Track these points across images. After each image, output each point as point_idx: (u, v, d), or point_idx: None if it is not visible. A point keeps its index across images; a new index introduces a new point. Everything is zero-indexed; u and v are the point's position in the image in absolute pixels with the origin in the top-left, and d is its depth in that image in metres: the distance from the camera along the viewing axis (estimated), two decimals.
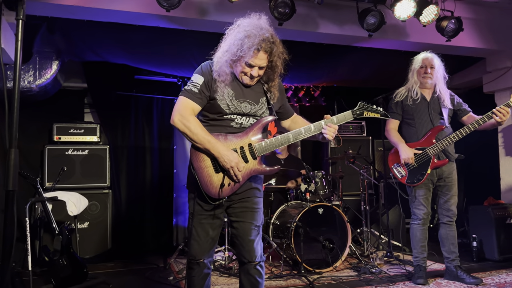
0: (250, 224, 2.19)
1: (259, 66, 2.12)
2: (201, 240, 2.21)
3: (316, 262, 3.95)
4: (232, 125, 2.18)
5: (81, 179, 4.76)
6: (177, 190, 5.50)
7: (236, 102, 2.17)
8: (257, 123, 2.20)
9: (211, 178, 2.12)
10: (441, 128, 3.44)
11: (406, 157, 3.40)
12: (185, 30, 4.11)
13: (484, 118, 3.23)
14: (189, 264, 2.26)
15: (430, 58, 3.51)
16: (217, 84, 2.15)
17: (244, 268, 2.21)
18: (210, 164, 2.12)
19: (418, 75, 3.52)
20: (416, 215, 3.50)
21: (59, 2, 3.46)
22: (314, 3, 4.06)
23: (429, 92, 3.55)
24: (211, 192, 2.12)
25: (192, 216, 2.20)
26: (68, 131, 4.85)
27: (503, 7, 4.77)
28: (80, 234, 4.53)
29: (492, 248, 4.30)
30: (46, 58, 4.26)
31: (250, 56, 2.06)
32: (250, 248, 2.18)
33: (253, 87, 2.23)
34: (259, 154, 2.16)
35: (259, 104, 2.23)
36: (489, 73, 5.26)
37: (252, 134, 2.18)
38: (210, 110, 2.18)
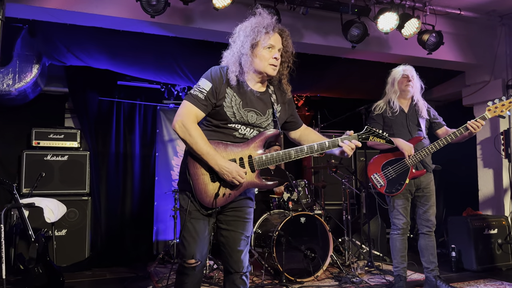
0: (241, 234, 2.15)
1: (278, 49, 2.10)
2: (199, 237, 2.09)
3: (298, 272, 3.94)
4: (235, 135, 2.11)
5: (59, 186, 4.66)
6: (158, 198, 5.43)
7: (242, 111, 2.10)
8: (259, 135, 2.13)
9: (207, 186, 2.06)
10: (419, 139, 3.49)
11: (407, 147, 3.37)
12: (170, 36, 4.10)
13: (461, 130, 3.28)
14: (182, 269, 2.11)
15: (410, 69, 3.59)
16: (226, 90, 2.08)
17: (230, 278, 2.15)
18: (206, 172, 2.06)
19: (399, 85, 3.56)
20: (396, 225, 3.53)
21: (41, 5, 3.41)
22: (299, 13, 4.11)
23: (407, 103, 3.60)
24: (204, 201, 2.06)
25: (189, 213, 2.08)
26: (47, 136, 4.75)
27: (482, 23, 4.92)
28: (57, 242, 4.41)
29: (470, 259, 4.36)
30: (27, 61, 4.18)
31: (268, 38, 2.06)
32: (237, 259, 2.13)
33: (262, 97, 2.17)
34: (258, 167, 2.09)
35: (265, 115, 2.17)
36: (468, 87, 5.38)
37: (254, 146, 2.11)
38: (215, 117, 2.11)
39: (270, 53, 2.08)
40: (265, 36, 2.06)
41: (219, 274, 4.02)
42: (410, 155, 3.38)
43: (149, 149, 5.53)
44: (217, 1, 3.58)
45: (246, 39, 2.06)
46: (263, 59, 2.07)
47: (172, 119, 6.09)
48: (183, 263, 2.09)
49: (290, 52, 2.19)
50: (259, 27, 2.06)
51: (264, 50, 2.07)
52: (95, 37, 4.02)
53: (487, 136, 5.20)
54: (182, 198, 2.15)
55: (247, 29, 2.09)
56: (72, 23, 3.77)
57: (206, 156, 2.01)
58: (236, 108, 2.09)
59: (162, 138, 5.57)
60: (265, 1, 3.81)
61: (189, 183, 2.06)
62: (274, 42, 2.09)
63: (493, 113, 3.20)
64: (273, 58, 2.08)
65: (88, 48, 4.27)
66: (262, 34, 2.05)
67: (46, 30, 3.95)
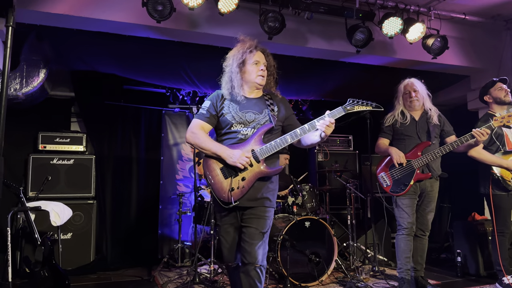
0: (255, 229, 2.39)
1: (263, 63, 2.53)
2: (229, 245, 2.49)
3: (302, 276, 3.93)
4: (239, 137, 2.46)
5: (65, 189, 4.68)
6: (163, 201, 5.45)
7: (240, 113, 2.49)
8: (257, 132, 2.46)
9: (222, 184, 2.39)
10: (427, 144, 3.57)
11: (397, 156, 3.53)
12: (175, 41, 4.13)
13: (467, 137, 3.37)
14: (227, 269, 2.62)
15: (411, 83, 3.69)
16: (223, 102, 2.52)
17: (245, 269, 2.36)
18: (219, 172, 2.41)
19: (405, 101, 3.70)
20: (401, 224, 3.58)
21: (48, 10, 3.45)
22: (303, 18, 4.12)
23: (418, 113, 3.70)
24: (223, 197, 2.38)
25: (218, 228, 2.52)
26: (53, 140, 4.78)
27: (487, 27, 4.91)
28: (63, 245, 4.43)
29: (476, 264, 4.33)
30: (34, 66, 4.22)
31: (251, 56, 2.50)
32: (251, 250, 2.36)
33: (256, 102, 2.55)
34: (261, 157, 2.40)
35: (262, 114, 2.51)
36: (473, 91, 5.37)
37: (254, 141, 2.43)
38: (221, 125, 2.52)
39: (257, 66, 2.52)
40: (250, 55, 2.52)
41: (224, 278, 4.02)
42: (399, 163, 3.52)
43: (154, 153, 5.55)
44: (222, 6, 3.61)
45: (235, 61, 2.51)
46: (252, 73, 2.51)
47: (177, 123, 6.14)
48: (226, 265, 2.57)
49: (273, 66, 2.62)
50: (244, 49, 2.52)
51: (251, 66, 2.51)
52: (101, 42, 4.05)
53: None
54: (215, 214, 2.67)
55: (235, 53, 2.54)
56: (79, 28, 3.80)
57: (214, 149, 2.40)
58: (234, 112, 2.49)
59: (167, 142, 5.59)
60: (270, 6, 3.83)
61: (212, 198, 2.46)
62: (259, 58, 2.54)
63: (499, 123, 3.31)
64: (260, 70, 2.51)
65: (94, 53, 4.31)
66: (247, 54, 2.51)
67: (53, 35, 3.99)
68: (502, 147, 3.72)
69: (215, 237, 4.37)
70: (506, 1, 4.39)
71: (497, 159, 3.65)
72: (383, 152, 3.71)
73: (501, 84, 3.81)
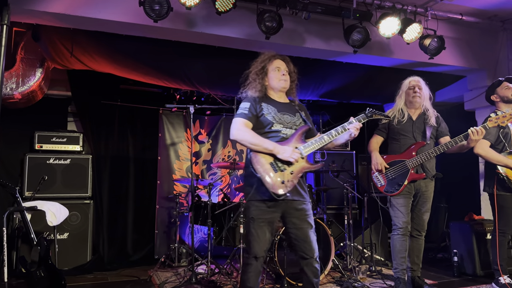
0: (307, 228, 2.65)
1: (284, 69, 2.78)
2: (261, 240, 2.59)
3: (299, 276, 3.91)
4: (281, 135, 2.66)
5: (62, 189, 4.67)
6: (160, 201, 5.44)
7: (279, 115, 2.71)
8: (297, 131, 2.70)
9: (273, 178, 2.52)
10: (422, 144, 3.57)
11: (376, 162, 3.61)
12: (173, 41, 4.12)
13: (461, 137, 3.37)
14: (247, 260, 2.63)
15: (417, 80, 3.70)
16: (261, 104, 2.71)
17: (308, 262, 2.65)
18: (269, 166, 2.54)
19: (407, 96, 3.68)
20: (396, 224, 3.58)
21: (45, 9, 3.44)
22: (301, 18, 4.12)
23: (416, 112, 3.70)
24: (275, 189, 2.50)
25: (252, 221, 2.59)
26: (50, 139, 4.77)
27: (483, 28, 4.93)
28: (59, 245, 4.42)
29: (472, 264, 4.34)
30: (30, 65, 4.20)
31: (272, 63, 2.78)
32: (310, 247, 2.64)
33: (288, 106, 2.81)
34: (305, 153, 2.62)
35: (296, 116, 2.78)
36: (470, 91, 5.38)
37: (295, 140, 2.65)
38: (262, 124, 2.67)
39: (279, 72, 2.78)
40: (270, 62, 2.78)
41: (221, 278, 4.02)
42: (378, 171, 3.59)
43: (151, 152, 5.54)
44: (219, 5, 3.60)
45: (257, 70, 2.77)
46: (275, 78, 2.77)
47: (174, 122, 6.12)
48: (248, 257, 2.62)
49: (294, 72, 2.86)
50: (265, 58, 2.80)
51: (273, 72, 2.77)
52: (98, 41, 4.04)
53: None
54: (245, 206, 2.71)
55: (257, 63, 2.80)
56: (76, 27, 3.79)
57: (266, 145, 2.55)
58: (274, 112, 2.70)
59: (164, 142, 5.58)
60: (267, 6, 3.83)
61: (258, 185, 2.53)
62: (279, 65, 2.79)
63: (494, 123, 3.29)
64: (282, 75, 2.77)
65: (91, 52, 4.29)
66: (267, 62, 2.78)
67: (49, 34, 3.98)
68: (508, 147, 3.70)
69: (211, 237, 4.36)
70: (503, 2, 4.40)
71: (503, 158, 3.62)
72: (369, 152, 3.75)
73: (507, 83, 3.79)
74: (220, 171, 5.80)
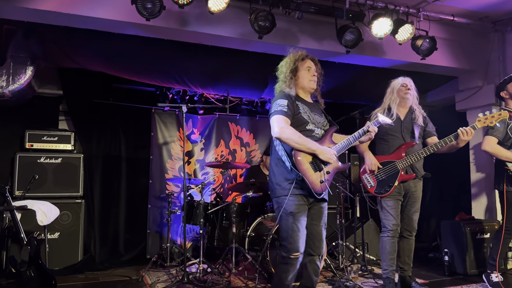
0: (323, 227, 2.79)
1: (314, 70, 2.85)
2: (302, 234, 2.63)
3: None
4: (314, 135, 2.75)
5: (53, 188, 4.63)
6: (152, 201, 5.41)
7: (311, 114, 2.80)
8: (327, 133, 2.83)
9: (313, 176, 2.63)
10: (411, 144, 3.58)
11: (370, 163, 3.59)
12: (165, 40, 4.10)
13: (451, 137, 3.39)
14: (288, 260, 2.61)
15: (409, 80, 3.72)
16: (296, 102, 2.75)
17: (311, 259, 2.76)
18: (309, 166, 2.64)
19: (399, 92, 3.67)
20: (386, 226, 3.58)
21: (36, 7, 3.40)
22: (294, 18, 4.13)
23: (404, 111, 3.70)
24: (317, 188, 2.63)
25: (292, 215, 2.61)
26: (41, 138, 4.72)
27: (475, 29, 4.96)
28: (49, 245, 4.39)
29: (463, 263, 4.38)
30: (21, 63, 4.16)
31: (303, 63, 2.83)
32: (319, 245, 2.77)
33: (315, 106, 2.90)
34: (338, 154, 2.76)
35: (323, 117, 2.90)
36: (461, 92, 5.42)
37: (328, 141, 2.79)
38: (297, 123, 2.71)
39: (309, 72, 2.84)
40: (302, 62, 2.83)
41: (213, 277, 4.01)
42: (372, 171, 3.57)
43: (143, 152, 5.51)
44: (212, 4, 3.59)
45: (288, 69, 2.80)
46: (306, 78, 2.83)
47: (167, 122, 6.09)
48: (289, 256, 2.60)
49: (320, 73, 2.92)
50: (296, 57, 2.83)
51: (304, 72, 2.83)
52: (90, 39, 4.01)
53: (480, 141, 5.22)
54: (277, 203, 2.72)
55: (287, 62, 2.84)
56: (67, 25, 3.76)
57: (309, 145, 2.63)
58: (308, 112, 2.78)
59: (157, 141, 5.56)
60: (261, 6, 3.82)
61: (288, 189, 2.61)
62: (310, 65, 2.86)
63: (483, 123, 3.32)
64: (312, 76, 2.84)
65: (83, 51, 4.27)
66: (299, 61, 2.82)
67: (40, 32, 3.94)
68: None
69: (204, 237, 4.36)
70: (494, 3, 4.44)
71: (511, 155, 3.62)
72: (360, 153, 3.73)
73: None
74: (213, 171, 5.79)
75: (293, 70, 2.80)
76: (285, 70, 2.83)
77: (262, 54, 4.43)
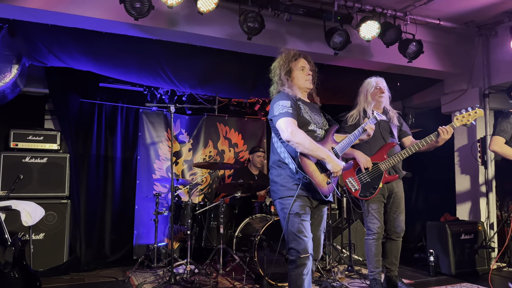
0: (322, 231, 2.76)
1: (309, 69, 2.76)
2: (309, 235, 2.55)
3: (279, 276, 3.94)
4: (316, 135, 2.68)
5: (38, 188, 4.57)
6: (139, 201, 5.38)
7: (312, 114, 2.72)
8: (329, 132, 2.75)
9: (319, 178, 2.57)
10: (392, 145, 3.60)
11: (364, 160, 3.51)
12: (154, 39, 4.08)
13: (431, 137, 3.40)
14: (301, 260, 2.50)
15: (381, 81, 3.70)
16: (297, 102, 2.67)
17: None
18: (315, 167, 2.57)
19: (373, 96, 3.66)
20: (371, 229, 3.59)
21: (22, 4, 3.36)
22: (283, 19, 4.14)
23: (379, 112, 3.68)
24: (324, 190, 2.57)
25: (298, 216, 2.53)
26: (26, 138, 4.66)
27: (460, 33, 5.05)
28: (34, 246, 4.32)
29: (447, 263, 4.44)
30: (6, 61, 4.08)
31: (297, 63, 2.74)
32: (318, 250, 2.74)
33: (314, 106, 2.83)
34: (341, 153, 2.72)
35: (321, 117, 2.82)
36: (446, 95, 5.51)
37: (330, 141, 2.72)
38: (299, 125, 2.60)
39: (304, 72, 2.76)
40: (296, 62, 2.75)
41: (200, 278, 4.00)
42: (366, 168, 3.52)
43: (130, 152, 5.48)
44: (201, 5, 3.59)
45: (282, 70, 2.72)
46: (301, 78, 2.75)
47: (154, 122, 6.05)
48: (299, 257, 2.50)
49: (314, 71, 2.84)
50: (289, 58, 2.74)
51: (299, 72, 2.74)
52: (77, 38, 3.97)
53: (464, 143, 5.32)
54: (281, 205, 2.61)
55: (280, 63, 2.75)
56: (54, 24, 3.71)
57: (318, 151, 2.53)
58: (310, 112, 2.71)
59: (144, 141, 5.52)
60: (250, 7, 3.83)
61: (306, 183, 2.52)
62: (304, 64, 2.77)
63: (461, 122, 3.34)
64: (307, 75, 2.76)
65: (70, 49, 4.21)
66: (293, 62, 2.74)
67: (26, 30, 3.89)
68: None
69: (191, 237, 4.34)
70: (479, 8, 4.52)
71: None
72: (347, 155, 3.62)
73: None
74: (201, 171, 5.78)
75: (288, 72, 2.72)
76: (279, 72, 2.75)
77: (251, 55, 4.44)
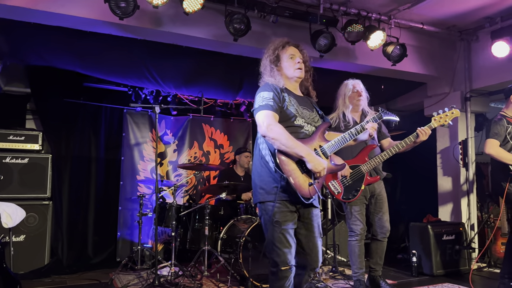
0: (317, 238, 2.49)
1: (299, 57, 2.54)
2: (291, 246, 2.35)
3: (264, 277, 3.94)
4: (304, 132, 2.45)
5: (19, 189, 4.48)
6: (122, 203, 5.32)
7: (300, 108, 2.48)
8: (319, 129, 2.52)
9: (299, 179, 2.32)
10: (373, 147, 3.63)
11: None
12: (138, 39, 4.05)
13: (411, 138, 3.39)
14: (282, 273, 2.33)
15: (358, 83, 3.71)
16: (283, 94, 2.45)
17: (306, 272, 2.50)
18: (295, 166, 2.33)
19: (351, 100, 3.67)
20: (354, 231, 3.63)
21: (2, 1, 3.29)
22: (269, 21, 4.16)
23: (358, 115, 3.73)
24: (304, 192, 2.32)
25: (278, 225, 2.33)
26: (6, 137, 4.57)
27: (443, 37, 5.14)
28: (15, 248, 4.24)
29: (430, 264, 4.51)
30: None
31: (285, 51, 2.53)
32: (317, 259, 2.49)
33: (305, 99, 2.60)
34: (330, 153, 2.48)
35: (313, 111, 2.59)
36: (429, 98, 5.59)
37: (318, 138, 2.49)
38: (282, 118, 2.40)
39: (293, 60, 2.53)
40: (283, 50, 2.55)
41: (185, 280, 3.98)
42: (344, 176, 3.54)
43: (114, 153, 5.41)
44: (187, 5, 3.57)
45: (270, 61, 2.53)
46: (290, 67, 2.52)
47: (139, 122, 5.99)
48: (279, 269, 2.33)
49: (309, 62, 2.64)
50: (276, 46, 2.56)
51: (287, 60, 2.53)
52: (60, 37, 3.91)
53: (446, 145, 5.42)
54: (261, 210, 2.43)
55: (269, 51, 2.56)
56: (37, 22, 3.65)
57: (296, 149, 2.29)
58: (296, 105, 2.47)
59: (128, 142, 5.47)
60: (236, 8, 3.83)
61: (274, 194, 2.33)
62: (293, 52, 2.56)
63: (438, 122, 3.33)
64: (297, 63, 2.52)
65: (53, 48, 4.15)
66: (280, 49, 2.54)
67: (8, 28, 3.81)
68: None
69: (176, 239, 4.32)
70: (461, 14, 4.60)
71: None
72: None
73: None
74: (186, 172, 5.75)
75: (274, 60, 2.52)
76: (265, 62, 2.55)
77: (237, 56, 4.43)
